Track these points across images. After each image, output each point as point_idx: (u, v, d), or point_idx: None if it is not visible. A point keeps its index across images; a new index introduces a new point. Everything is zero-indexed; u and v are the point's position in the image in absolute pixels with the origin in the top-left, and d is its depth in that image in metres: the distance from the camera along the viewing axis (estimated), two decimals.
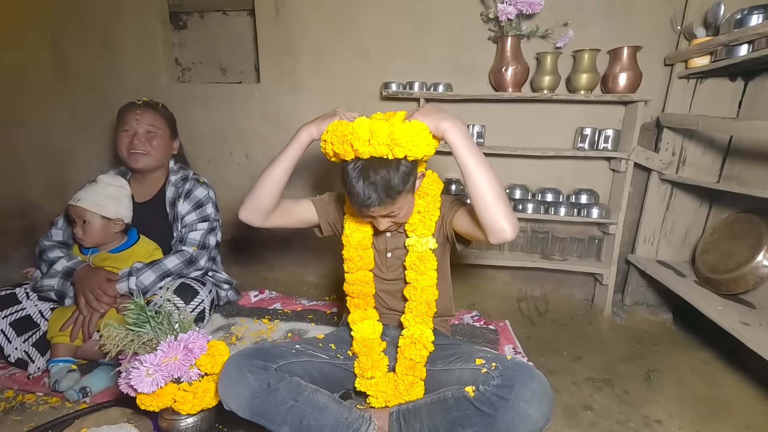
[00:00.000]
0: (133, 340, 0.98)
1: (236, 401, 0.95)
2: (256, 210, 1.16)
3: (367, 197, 0.98)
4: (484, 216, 0.98)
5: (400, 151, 0.94)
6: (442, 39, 1.84)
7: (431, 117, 0.99)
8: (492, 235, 0.99)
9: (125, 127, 1.54)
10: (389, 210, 1.03)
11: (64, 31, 2.02)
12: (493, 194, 0.96)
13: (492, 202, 0.96)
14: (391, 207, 1.02)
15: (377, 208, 1.01)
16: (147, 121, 1.54)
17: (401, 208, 1.05)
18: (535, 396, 0.88)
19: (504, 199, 0.97)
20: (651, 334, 1.75)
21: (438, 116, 0.98)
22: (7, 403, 1.26)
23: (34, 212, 2.27)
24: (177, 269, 1.48)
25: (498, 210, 0.96)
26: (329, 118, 1.09)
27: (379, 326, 1.20)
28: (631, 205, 1.82)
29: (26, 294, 1.40)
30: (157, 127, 1.56)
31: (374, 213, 1.03)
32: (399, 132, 0.93)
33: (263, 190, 1.14)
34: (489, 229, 0.98)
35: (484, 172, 0.96)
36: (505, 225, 0.96)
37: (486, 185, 0.96)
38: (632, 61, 1.65)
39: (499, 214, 0.96)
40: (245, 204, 1.16)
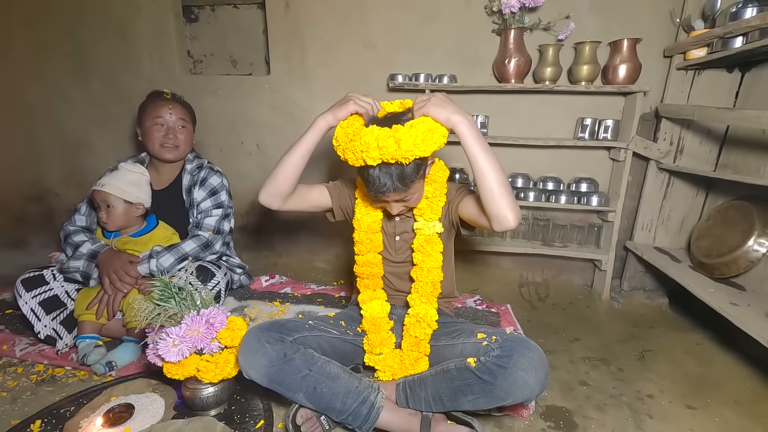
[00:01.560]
0: (160, 314, 1.06)
1: (255, 369, 1.03)
2: (275, 193, 1.22)
3: (383, 185, 1.05)
4: (490, 204, 1.04)
5: (410, 156, 0.99)
6: (447, 31, 1.89)
7: (443, 108, 1.02)
8: (496, 222, 1.05)
9: (158, 120, 1.61)
10: (403, 196, 1.10)
11: (82, 23, 2.08)
12: (498, 185, 1.02)
13: (497, 191, 1.02)
14: (404, 193, 1.09)
15: (392, 194, 1.08)
16: (179, 115, 1.63)
17: (414, 193, 1.13)
18: (532, 364, 0.95)
19: (508, 190, 1.03)
20: (647, 318, 1.82)
21: (450, 108, 1.02)
22: (38, 376, 1.35)
23: (52, 199, 2.36)
24: (194, 253, 1.55)
25: (503, 199, 1.02)
26: (344, 105, 1.15)
27: (387, 306, 1.28)
28: (629, 193, 1.87)
29: (53, 275, 1.48)
30: (186, 121, 1.65)
31: (389, 198, 1.11)
32: (405, 143, 0.97)
33: (282, 175, 1.20)
34: (494, 217, 1.05)
35: (491, 164, 1.01)
36: (509, 214, 1.02)
37: (492, 176, 1.01)
38: (632, 53, 1.69)
39: (504, 203, 1.02)
40: (265, 187, 1.22)
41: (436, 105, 1.02)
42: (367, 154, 1.00)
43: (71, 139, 2.26)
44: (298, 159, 1.19)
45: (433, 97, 1.04)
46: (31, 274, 1.47)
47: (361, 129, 1.04)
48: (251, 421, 1.12)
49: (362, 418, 1.04)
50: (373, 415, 1.05)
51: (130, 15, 2.05)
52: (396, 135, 0.98)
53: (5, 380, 1.32)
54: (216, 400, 1.13)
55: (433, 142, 1.00)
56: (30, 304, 1.41)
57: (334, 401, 1.04)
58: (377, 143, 0.99)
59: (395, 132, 0.99)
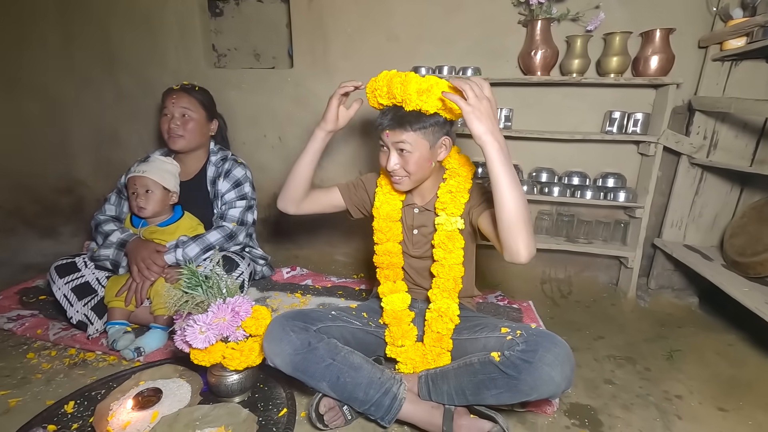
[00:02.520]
0: (188, 301, 1.08)
1: (280, 357, 1.04)
2: (289, 200, 1.33)
3: (384, 117, 1.11)
4: (504, 235, 1.00)
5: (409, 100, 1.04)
6: (471, 23, 1.86)
7: (481, 123, 0.94)
8: (507, 253, 1.02)
9: (164, 111, 1.65)
10: (399, 138, 1.10)
11: (112, 18, 2.13)
12: (517, 217, 0.97)
13: (515, 224, 0.97)
14: (400, 135, 1.09)
15: (390, 133, 1.10)
16: (182, 105, 1.64)
17: (412, 147, 1.10)
18: (558, 360, 0.94)
19: (527, 224, 0.98)
20: (675, 317, 1.77)
21: (486, 126, 0.94)
22: (71, 359, 1.39)
23: (82, 190, 2.43)
24: (218, 243, 1.58)
25: (520, 234, 0.97)
26: (327, 105, 1.25)
27: (407, 297, 1.27)
28: (658, 189, 1.82)
29: (84, 263, 1.53)
30: (191, 111, 1.65)
31: (387, 138, 1.12)
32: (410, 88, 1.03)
33: (293, 181, 1.31)
34: (506, 247, 1.01)
35: (514, 193, 0.96)
36: (522, 249, 0.98)
37: (513, 207, 0.97)
38: (665, 44, 1.64)
39: (519, 238, 0.97)
40: (280, 195, 1.34)
41: (478, 117, 0.94)
42: (380, 93, 1.10)
43: (100, 131, 2.32)
44: (305, 167, 1.29)
45: (481, 104, 0.95)
46: (64, 262, 1.52)
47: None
48: (274, 409, 1.14)
49: (385, 409, 1.04)
50: (396, 406, 1.05)
51: (157, 9, 2.08)
52: (405, 79, 1.05)
53: (40, 362, 1.37)
54: (240, 387, 1.15)
55: (436, 99, 1.03)
56: (63, 290, 1.46)
57: (357, 391, 1.04)
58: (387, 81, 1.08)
59: (405, 76, 1.05)
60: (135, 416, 1.06)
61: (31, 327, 1.53)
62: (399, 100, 1.07)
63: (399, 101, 1.07)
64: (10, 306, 1.68)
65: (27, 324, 1.54)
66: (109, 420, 1.05)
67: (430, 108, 1.04)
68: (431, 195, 1.25)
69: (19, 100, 2.33)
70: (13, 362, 1.37)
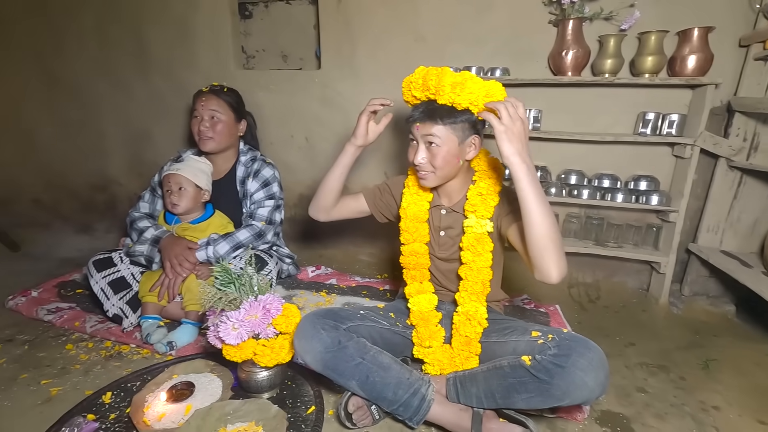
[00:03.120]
0: (221, 298, 1.10)
1: (311, 355, 1.05)
2: (319, 208, 1.39)
3: (416, 109, 1.13)
4: (534, 254, 0.99)
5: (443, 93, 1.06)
6: (500, 23, 1.85)
7: (510, 144, 0.94)
8: (537, 272, 1.01)
9: (194, 113, 1.69)
10: (429, 131, 1.10)
11: (146, 23, 2.19)
12: (547, 238, 0.96)
13: (545, 245, 0.96)
14: (430, 128, 1.09)
15: (420, 125, 1.11)
16: (210, 107, 1.67)
17: (441, 141, 1.10)
18: (592, 365, 0.92)
19: (558, 244, 0.97)
20: (710, 326, 1.71)
21: (517, 147, 0.94)
22: (107, 352, 1.44)
23: (116, 188, 2.51)
24: (247, 241, 1.61)
25: (550, 255, 0.96)
26: (358, 123, 1.27)
27: (434, 298, 1.26)
28: (693, 192, 1.76)
29: (120, 258, 1.58)
30: (219, 113, 1.68)
31: (417, 131, 1.12)
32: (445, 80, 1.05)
33: (323, 192, 1.36)
34: (536, 266, 1.00)
35: (543, 214, 0.95)
36: (553, 270, 0.97)
37: (543, 228, 0.96)
38: (703, 43, 1.59)
39: (550, 259, 0.96)
40: (311, 203, 1.41)
41: (510, 138, 0.94)
42: (415, 85, 1.12)
43: (133, 131, 2.39)
44: (335, 179, 1.33)
45: (515, 125, 0.94)
46: (101, 257, 1.57)
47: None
48: (302, 406, 1.15)
49: (413, 410, 1.04)
50: (424, 407, 1.05)
51: (189, 13, 2.14)
52: (440, 72, 1.07)
53: (78, 354, 1.43)
54: (270, 384, 1.17)
55: (469, 94, 1.03)
56: (100, 284, 1.51)
57: (386, 391, 1.04)
58: (423, 74, 1.10)
59: (441, 70, 1.07)
60: (169, 408, 1.09)
61: (70, 319, 1.59)
62: (432, 92, 1.08)
63: (432, 93, 1.08)
64: (50, 299, 1.75)
65: (65, 316, 1.61)
66: (145, 411, 1.08)
67: (462, 102, 1.05)
68: (459, 196, 1.24)
69: (58, 100, 2.43)
70: (53, 353, 1.43)
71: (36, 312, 1.63)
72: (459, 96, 1.04)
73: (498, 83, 1.06)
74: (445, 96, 1.05)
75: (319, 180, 2.17)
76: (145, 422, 1.04)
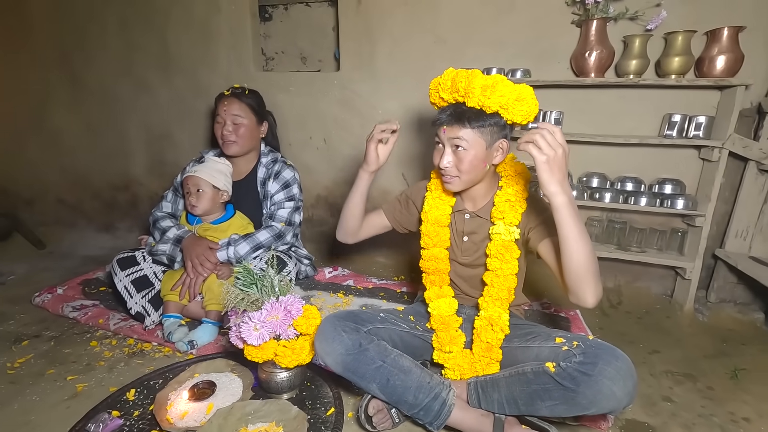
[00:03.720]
0: (243, 299, 1.11)
1: (332, 357, 1.05)
2: (346, 233, 1.42)
3: (443, 112, 1.11)
4: (571, 282, 1.00)
5: (473, 95, 1.04)
6: (522, 24, 1.82)
7: (552, 175, 0.92)
8: (572, 296, 1.01)
9: (217, 117, 1.71)
10: (456, 134, 1.08)
11: (170, 25, 2.23)
12: (585, 268, 0.96)
13: (583, 275, 0.97)
14: (458, 132, 1.08)
15: (447, 128, 1.09)
16: (233, 112, 1.69)
17: (468, 144, 1.08)
18: (620, 374, 0.90)
19: (595, 272, 0.97)
20: (738, 334, 1.66)
21: (557, 178, 0.92)
22: (130, 349, 1.47)
23: (137, 188, 2.56)
24: (267, 242, 1.62)
25: (588, 284, 0.97)
26: (367, 150, 1.26)
27: (454, 302, 1.25)
28: (721, 196, 1.71)
29: (143, 257, 1.61)
30: (242, 117, 1.70)
31: (444, 134, 1.11)
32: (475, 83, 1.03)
33: (346, 218, 1.38)
34: (571, 291, 1.01)
35: (582, 245, 0.95)
36: (589, 297, 0.98)
37: (581, 259, 0.96)
38: (733, 43, 1.54)
39: (588, 288, 0.98)
40: (338, 229, 1.43)
41: (551, 168, 0.92)
42: (443, 87, 1.10)
43: (155, 132, 2.43)
44: (355, 205, 1.34)
45: (557, 153, 0.91)
46: (125, 255, 1.60)
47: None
48: (322, 408, 1.15)
49: (434, 414, 1.04)
50: (445, 412, 1.04)
51: (211, 15, 2.16)
52: (470, 74, 1.06)
53: (102, 350, 1.45)
54: (290, 385, 1.18)
55: (499, 97, 1.02)
56: (124, 282, 1.54)
57: (407, 395, 1.04)
58: (452, 76, 1.08)
59: (471, 72, 1.06)
60: (192, 407, 1.10)
61: (94, 316, 1.62)
62: (462, 94, 1.06)
63: (462, 95, 1.06)
64: (74, 296, 1.79)
65: (90, 313, 1.64)
66: (168, 409, 1.09)
67: (492, 105, 1.03)
68: (484, 201, 1.22)
69: (82, 101, 2.48)
70: (78, 349, 1.46)
71: (61, 309, 1.67)
72: (489, 99, 1.02)
73: (528, 87, 1.05)
74: (475, 99, 1.04)
75: (337, 181, 2.22)
76: (168, 420, 1.06)
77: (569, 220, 0.94)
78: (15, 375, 1.32)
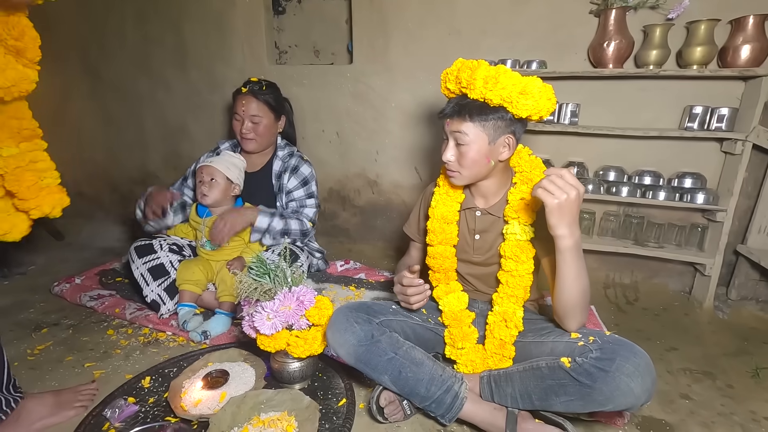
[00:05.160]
0: (257, 289, 1.12)
1: (344, 348, 1.05)
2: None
3: (448, 104, 1.10)
4: (558, 309, 1.04)
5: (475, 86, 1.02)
6: (538, 14, 1.79)
7: (563, 216, 0.91)
8: (556, 317, 1.07)
9: (236, 115, 1.73)
10: (458, 128, 1.06)
11: (185, 18, 2.25)
12: (574, 303, 1.01)
13: (570, 309, 1.02)
14: (459, 125, 1.06)
15: (450, 121, 1.08)
16: (251, 111, 1.71)
17: (469, 139, 1.06)
18: (638, 371, 0.88)
19: (584, 307, 1.02)
20: (760, 332, 1.61)
21: (567, 220, 0.91)
22: (145, 338, 1.49)
23: (153, 181, 2.58)
24: (294, 234, 1.66)
25: (572, 316, 1.02)
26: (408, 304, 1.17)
27: (464, 296, 1.23)
28: (744, 191, 1.66)
29: (160, 245, 1.63)
30: (260, 116, 1.72)
31: (447, 126, 1.09)
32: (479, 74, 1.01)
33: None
34: (556, 315, 1.07)
35: (577, 285, 0.98)
36: (571, 326, 1.04)
37: (573, 296, 0.99)
38: (759, 31, 1.49)
39: (572, 319, 1.03)
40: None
41: (561, 210, 0.90)
42: (450, 77, 1.08)
43: (171, 125, 2.46)
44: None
45: (570, 195, 0.89)
46: (142, 243, 1.62)
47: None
48: (334, 399, 1.15)
49: (446, 407, 1.03)
50: (457, 404, 1.03)
51: (226, 9, 2.17)
52: (474, 64, 1.03)
53: (118, 339, 1.48)
54: (301, 375, 1.18)
55: (501, 89, 0.99)
56: (141, 270, 1.56)
57: (419, 387, 1.03)
58: (458, 66, 1.06)
59: (477, 63, 1.04)
60: (205, 395, 1.12)
61: (110, 306, 1.65)
62: (465, 86, 1.04)
63: (465, 87, 1.04)
64: (92, 286, 1.83)
65: (106, 303, 1.67)
66: (182, 397, 1.11)
67: (493, 97, 1.00)
68: (496, 198, 1.19)
69: (102, 96, 2.52)
70: (96, 337, 1.49)
71: (79, 298, 1.70)
72: (491, 91, 1.00)
73: (536, 79, 1.01)
74: (477, 91, 1.01)
75: (348, 174, 2.22)
76: (182, 407, 1.07)
77: (571, 262, 0.96)
78: (35, 361, 1.36)
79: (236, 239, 1.63)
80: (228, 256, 1.63)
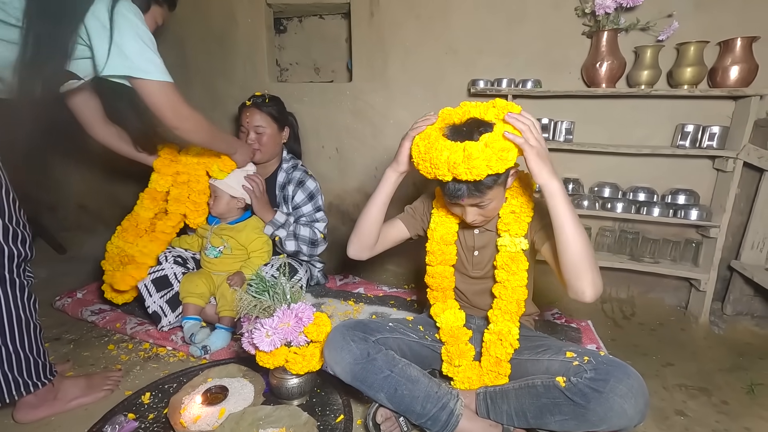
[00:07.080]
0: (256, 306, 1.14)
1: (340, 366, 1.07)
2: (363, 247, 1.27)
3: (457, 189, 1.02)
4: (569, 274, 0.99)
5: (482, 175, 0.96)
6: (533, 35, 1.84)
7: (544, 164, 0.95)
8: (571, 291, 1.01)
9: (242, 127, 1.79)
10: (477, 201, 1.06)
11: (189, 38, 2.30)
12: (582, 257, 0.96)
13: (580, 264, 0.97)
14: (479, 199, 1.05)
15: (467, 199, 1.05)
16: (255, 123, 1.76)
17: (491, 200, 1.07)
18: (631, 392, 0.89)
19: (592, 262, 0.97)
20: (755, 348, 1.63)
21: (548, 167, 0.95)
22: (145, 353, 1.50)
23: None
24: (303, 242, 1.71)
25: (585, 274, 0.97)
26: (400, 148, 1.13)
27: (461, 314, 1.25)
28: (736, 207, 1.69)
29: (165, 257, 1.65)
30: (263, 127, 1.76)
31: (464, 203, 1.07)
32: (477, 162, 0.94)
33: (365, 229, 1.24)
34: (570, 286, 1.00)
35: (577, 233, 0.96)
36: (587, 289, 0.97)
37: (577, 246, 0.96)
38: (747, 53, 1.53)
39: (585, 279, 0.97)
40: (351, 243, 1.27)
41: (538, 158, 0.94)
42: (438, 172, 1.00)
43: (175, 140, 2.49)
44: (376, 212, 1.21)
45: (541, 144, 0.94)
46: None
47: (435, 143, 1.00)
48: (331, 415, 1.17)
49: (441, 424, 1.04)
50: (453, 421, 1.04)
51: (228, 28, 2.22)
52: (466, 152, 0.95)
53: (119, 354, 1.49)
54: (300, 391, 1.20)
55: (508, 160, 0.96)
56: (144, 280, 1.58)
57: (414, 404, 1.05)
58: (447, 163, 0.97)
59: (465, 150, 0.95)
60: (205, 411, 1.13)
61: (111, 320, 1.67)
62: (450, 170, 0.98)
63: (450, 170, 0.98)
64: (93, 300, 1.84)
65: (108, 317, 1.69)
66: (182, 413, 1.12)
67: (481, 173, 0.95)
68: None
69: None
70: (96, 352, 1.51)
71: (81, 313, 1.72)
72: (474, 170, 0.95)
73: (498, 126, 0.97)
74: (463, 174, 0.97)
75: (348, 189, 2.24)
76: (181, 423, 1.08)
77: (564, 206, 0.96)
78: None
79: (237, 250, 1.66)
80: (229, 267, 1.65)
